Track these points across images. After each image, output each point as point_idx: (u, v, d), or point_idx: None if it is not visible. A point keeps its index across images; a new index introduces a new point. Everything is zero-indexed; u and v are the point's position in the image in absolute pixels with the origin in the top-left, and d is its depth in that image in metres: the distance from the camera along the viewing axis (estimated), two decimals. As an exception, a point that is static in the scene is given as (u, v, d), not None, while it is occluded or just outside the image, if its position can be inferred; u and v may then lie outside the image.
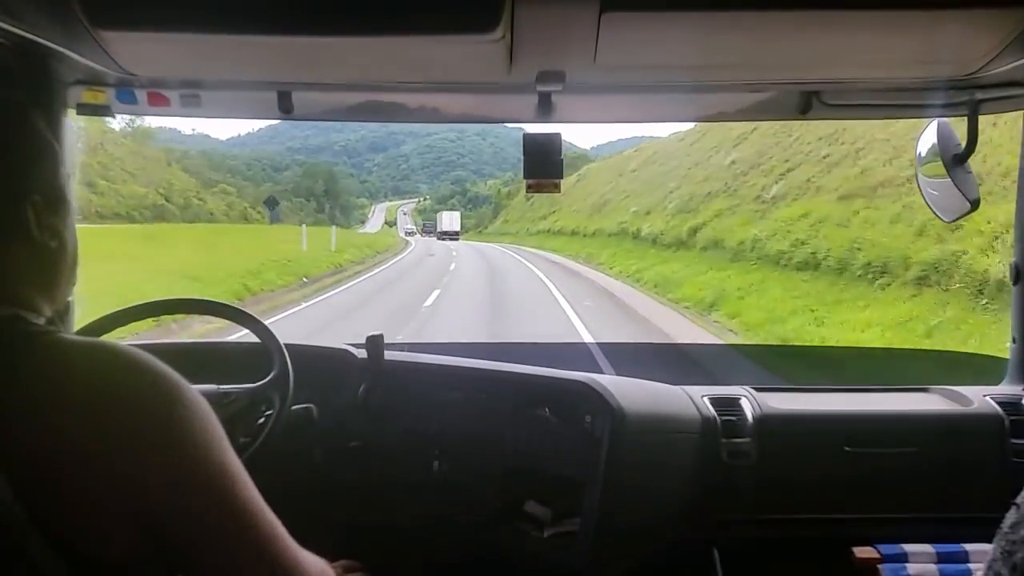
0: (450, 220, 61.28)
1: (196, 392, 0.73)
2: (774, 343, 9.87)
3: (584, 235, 31.91)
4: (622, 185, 35.66)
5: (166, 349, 1.92)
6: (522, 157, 1.44)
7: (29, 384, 0.67)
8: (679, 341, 10.20)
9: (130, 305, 1.56)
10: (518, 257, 29.26)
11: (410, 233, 71.23)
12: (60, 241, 0.80)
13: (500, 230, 58.62)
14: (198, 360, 1.54)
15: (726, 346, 9.13)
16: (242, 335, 1.66)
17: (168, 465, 0.69)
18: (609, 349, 5.66)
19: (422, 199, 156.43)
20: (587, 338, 9.22)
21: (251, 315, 1.58)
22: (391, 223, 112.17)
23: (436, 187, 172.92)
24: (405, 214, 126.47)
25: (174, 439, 0.70)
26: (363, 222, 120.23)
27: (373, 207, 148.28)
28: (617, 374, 1.86)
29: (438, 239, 55.38)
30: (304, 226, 28.91)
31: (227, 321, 1.60)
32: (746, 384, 1.77)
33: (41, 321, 0.77)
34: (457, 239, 54.99)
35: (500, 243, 46.51)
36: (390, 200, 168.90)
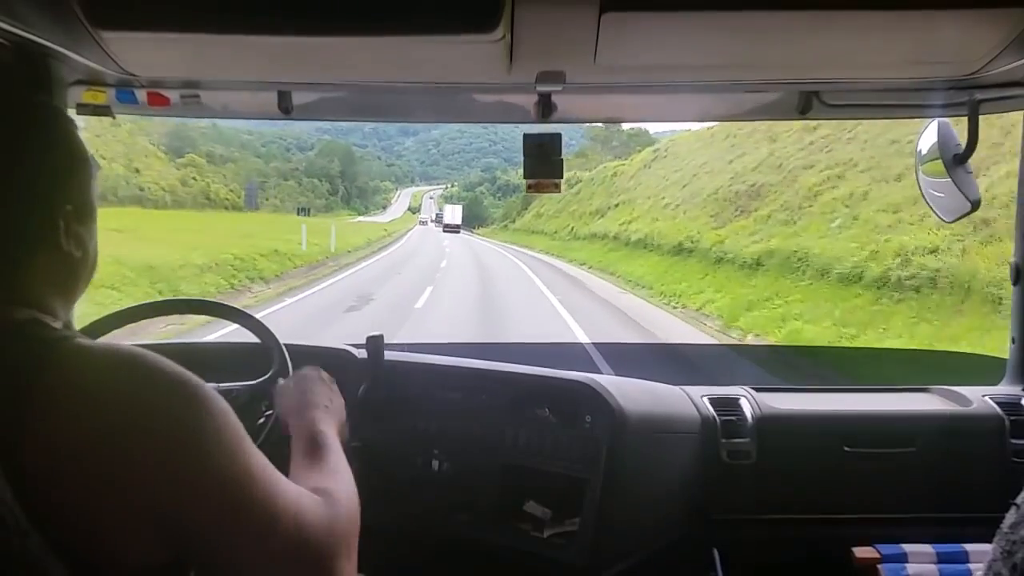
0: (452, 213, 63.14)
1: (216, 394, 0.73)
2: (774, 343, 9.76)
3: (733, 262, 14.52)
4: (797, 158, 17.58)
5: (167, 349, 1.92)
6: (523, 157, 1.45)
7: (47, 389, 0.66)
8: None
9: (131, 305, 1.57)
10: (568, 319, 11.38)
11: (424, 222, 72.18)
12: (84, 250, 0.80)
13: (531, 227, 43.92)
14: (198, 359, 1.54)
15: (723, 347, 9.09)
16: (232, 330, 1.66)
17: (192, 470, 0.69)
18: (606, 350, 5.62)
19: (450, 185, 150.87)
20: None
21: (250, 315, 1.58)
22: (415, 209, 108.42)
23: (466, 174, 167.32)
24: (432, 198, 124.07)
25: (197, 445, 0.69)
26: (384, 207, 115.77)
27: (398, 192, 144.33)
28: (616, 375, 1.86)
29: (443, 231, 56.27)
30: (303, 222, 23.61)
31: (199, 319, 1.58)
32: (745, 384, 1.78)
33: (58, 325, 0.76)
34: (458, 231, 55.25)
35: (530, 248, 32.56)
36: (417, 185, 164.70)
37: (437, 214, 76.44)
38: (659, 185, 26.24)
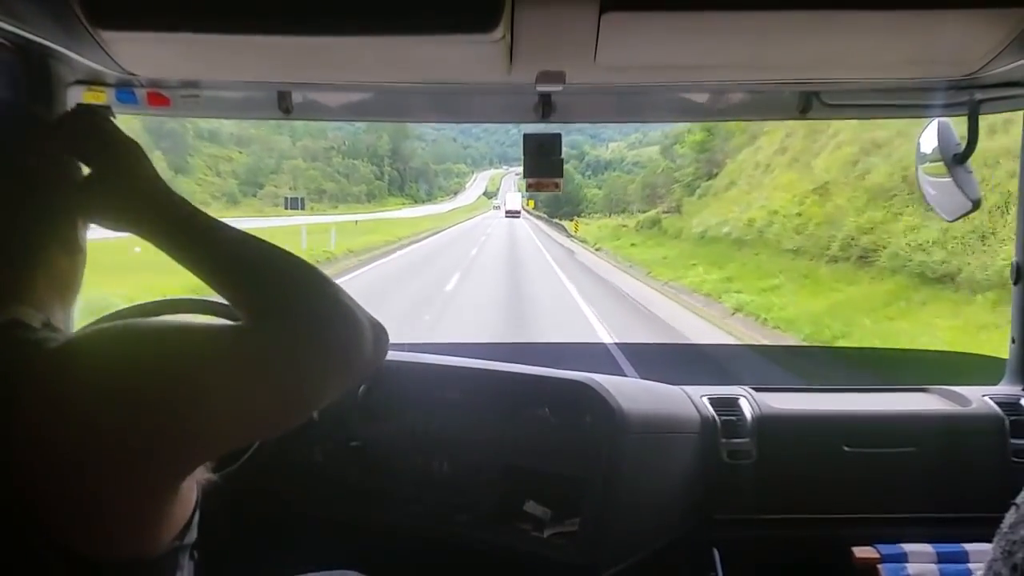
0: (513, 200, 64.14)
1: (188, 322, 0.74)
2: (781, 343, 9.84)
3: None
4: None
5: None
6: (523, 153, 1.46)
7: (43, 388, 0.65)
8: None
9: (131, 304, 1.56)
10: None
11: (498, 207, 72.30)
12: (84, 252, 0.81)
13: (788, 236, 15.86)
14: None
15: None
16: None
17: (215, 405, 0.67)
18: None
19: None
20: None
21: None
22: (492, 194, 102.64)
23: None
24: (517, 175, 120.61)
25: (202, 380, 0.67)
26: (456, 192, 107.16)
27: (474, 176, 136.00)
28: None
29: (505, 216, 56.98)
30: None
31: None
32: (747, 384, 1.78)
33: (37, 324, 0.74)
34: (518, 216, 55.39)
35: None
36: (495, 168, 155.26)
37: (505, 200, 75.65)
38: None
